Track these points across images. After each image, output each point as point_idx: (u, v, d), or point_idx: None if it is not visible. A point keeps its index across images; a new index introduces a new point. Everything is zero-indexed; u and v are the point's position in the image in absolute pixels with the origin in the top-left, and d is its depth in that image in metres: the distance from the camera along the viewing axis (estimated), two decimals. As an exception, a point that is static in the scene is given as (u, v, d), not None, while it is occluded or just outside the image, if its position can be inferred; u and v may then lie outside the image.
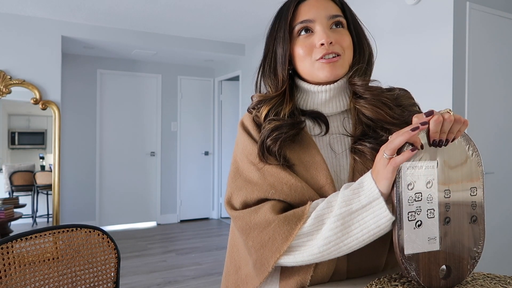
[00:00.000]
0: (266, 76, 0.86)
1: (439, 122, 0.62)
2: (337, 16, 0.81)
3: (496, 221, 2.65)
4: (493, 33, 2.64)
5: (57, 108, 3.76)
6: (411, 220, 0.64)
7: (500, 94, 2.69)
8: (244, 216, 0.77)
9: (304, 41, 0.81)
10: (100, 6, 3.53)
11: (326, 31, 0.79)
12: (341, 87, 0.83)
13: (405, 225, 0.64)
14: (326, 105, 0.84)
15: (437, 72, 2.52)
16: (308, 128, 0.84)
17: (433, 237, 0.66)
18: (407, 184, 0.64)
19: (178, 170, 5.45)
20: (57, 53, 3.84)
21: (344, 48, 0.80)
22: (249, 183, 0.79)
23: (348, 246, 0.68)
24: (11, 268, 0.92)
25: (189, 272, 3.45)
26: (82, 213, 4.80)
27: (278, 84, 0.83)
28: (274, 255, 0.72)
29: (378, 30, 2.94)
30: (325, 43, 0.78)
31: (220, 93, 5.60)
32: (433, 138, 0.65)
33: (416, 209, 0.65)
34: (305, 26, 0.80)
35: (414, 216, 0.64)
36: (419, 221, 0.65)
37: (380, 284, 0.69)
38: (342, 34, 0.81)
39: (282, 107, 0.83)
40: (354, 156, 0.79)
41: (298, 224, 0.71)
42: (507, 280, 0.71)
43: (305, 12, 0.81)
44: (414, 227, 0.65)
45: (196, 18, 3.84)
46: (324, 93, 0.82)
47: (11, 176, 3.82)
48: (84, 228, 1.07)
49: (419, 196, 0.65)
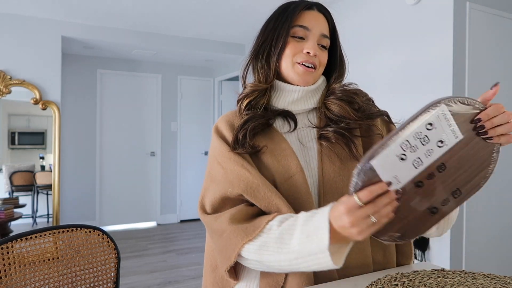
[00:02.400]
0: (258, 62, 0.92)
1: (499, 108, 0.64)
2: (326, 37, 0.91)
3: (495, 221, 2.65)
4: (493, 33, 2.64)
5: (57, 108, 3.76)
6: (401, 147, 0.59)
7: (500, 94, 2.69)
8: (209, 221, 0.85)
9: (295, 43, 0.89)
10: (100, 6, 3.53)
11: (315, 44, 0.89)
12: (312, 90, 0.92)
13: (394, 146, 0.59)
14: (295, 104, 0.92)
15: (437, 72, 2.52)
16: (278, 127, 0.91)
17: (400, 180, 0.61)
18: (428, 122, 0.59)
19: (178, 170, 5.45)
20: (57, 53, 3.84)
21: (320, 64, 0.91)
22: (213, 182, 0.86)
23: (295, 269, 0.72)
24: (11, 268, 0.92)
25: (189, 272, 3.45)
26: (82, 213, 4.80)
27: (269, 75, 0.91)
28: (227, 262, 0.77)
29: (378, 30, 2.94)
30: (311, 53, 0.88)
31: (220, 93, 5.60)
32: (479, 122, 0.64)
33: (414, 146, 0.59)
34: (303, 32, 0.89)
35: (406, 148, 0.59)
36: (405, 155, 0.60)
37: (380, 284, 0.69)
38: (323, 53, 0.92)
39: (263, 98, 0.91)
40: (321, 142, 0.88)
41: (245, 238, 0.74)
42: (507, 280, 0.71)
43: (308, 20, 0.89)
44: (398, 155, 0.59)
45: (196, 18, 3.84)
46: (296, 93, 0.91)
47: (11, 176, 3.82)
48: (84, 228, 1.07)
49: (426, 140, 0.60)
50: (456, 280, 0.71)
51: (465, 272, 0.75)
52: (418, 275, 0.74)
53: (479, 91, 2.57)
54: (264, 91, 0.91)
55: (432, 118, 0.59)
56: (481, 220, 2.57)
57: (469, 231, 2.50)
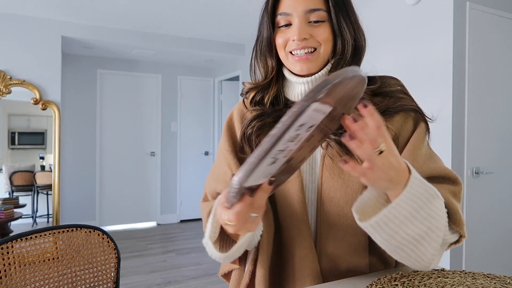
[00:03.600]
0: (258, 58, 0.89)
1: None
2: (316, 10, 0.78)
3: (496, 221, 2.65)
4: (493, 33, 2.64)
5: (57, 108, 3.76)
6: (272, 158, 0.53)
7: (500, 94, 2.69)
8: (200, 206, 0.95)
9: (282, 32, 0.82)
10: (100, 6, 3.53)
11: (301, 26, 0.78)
12: (319, 78, 0.82)
13: (265, 162, 0.52)
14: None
15: (437, 72, 2.52)
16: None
17: (269, 175, 0.58)
18: (300, 124, 0.50)
19: (178, 170, 5.45)
20: (57, 53, 3.84)
21: (320, 41, 0.79)
22: (211, 174, 0.91)
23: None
24: (11, 268, 0.92)
25: (189, 272, 3.45)
26: (82, 213, 4.80)
27: (268, 71, 0.86)
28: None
29: (378, 30, 2.94)
30: (297, 39, 0.78)
31: (220, 93, 5.60)
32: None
33: (284, 148, 0.53)
34: (285, 19, 0.80)
35: (277, 154, 0.53)
36: (276, 158, 0.54)
37: (380, 284, 0.69)
38: (320, 29, 0.79)
39: (267, 91, 0.86)
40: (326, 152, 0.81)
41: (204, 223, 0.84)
42: (507, 280, 0.71)
43: (287, 3, 0.79)
44: (269, 164, 0.54)
45: (196, 18, 3.84)
46: (303, 85, 0.84)
47: (11, 176, 3.82)
48: (84, 228, 1.07)
49: (297, 137, 0.53)
50: (456, 280, 0.71)
51: (465, 272, 0.75)
52: (418, 275, 0.74)
53: (479, 91, 2.57)
54: (267, 86, 0.86)
55: (304, 118, 0.51)
56: (481, 220, 2.57)
57: (469, 231, 2.50)
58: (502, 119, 2.70)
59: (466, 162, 2.49)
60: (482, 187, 2.57)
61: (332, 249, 0.80)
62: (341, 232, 0.80)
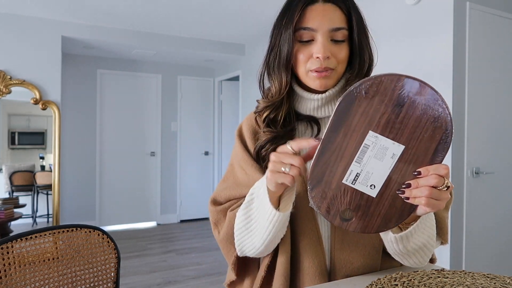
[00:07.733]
0: (270, 70, 0.86)
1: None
2: (340, 29, 0.79)
3: (495, 221, 2.65)
4: (493, 33, 2.64)
5: (57, 108, 3.76)
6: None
7: (500, 94, 2.69)
8: (216, 210, 0.93)
9: (304, 48, 0.81)
10: (100, 6, 3.53)
11: (325, 44, 0.78)
12: (332, 95, 0.85)
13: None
14: (319, 110, 0.86)
15: (437, 72, 2.52)
16: (299, 133, 0.89)
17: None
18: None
19: (178, 170, 5.45)
20: (57, 53, 3.84)
21: (338, 61, 0.81)
22: (238, 186, 0.89)
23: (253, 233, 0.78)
24: (11, 268, 0.92)
25: (189, 272, 3.45)
26: (82, 213, 4.80)
27: (282, 87, 0.84)
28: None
29: (378, 30, 2.94)
30: (321, 58, 0.78)
31: (220, 93, 5.60)
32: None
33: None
34: (308, 34, 0.79)
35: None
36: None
37: (380, 284, 0.69)
38: (340, 48, 0.81)
39: (280, 108, 0.86)
40: None
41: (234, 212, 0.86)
42: (506, 280, 0.71)
43: (311, 18, 0.79)
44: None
45: (196, 18, 3.84)
46: (316, 101, 0.85)
47: (11, 176, 3.82)
48: (84, 228, 1.07)
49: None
50: (456, 280, 0.71)
51: (465, 272, 0.75)
52: (418, 275, 0.74)
53: (479, 91, 2.56)
54: (280, 103, 0.86)
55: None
56: (481, 220, 2.57)
57: (469, 231, 2.50)
58: (502, 119, 2.70)
59: (466, 162, 2.49)
60: (482, 187, 2.57)
61: (347, 253, 0.82)
62: (356, 236, 0.82)
